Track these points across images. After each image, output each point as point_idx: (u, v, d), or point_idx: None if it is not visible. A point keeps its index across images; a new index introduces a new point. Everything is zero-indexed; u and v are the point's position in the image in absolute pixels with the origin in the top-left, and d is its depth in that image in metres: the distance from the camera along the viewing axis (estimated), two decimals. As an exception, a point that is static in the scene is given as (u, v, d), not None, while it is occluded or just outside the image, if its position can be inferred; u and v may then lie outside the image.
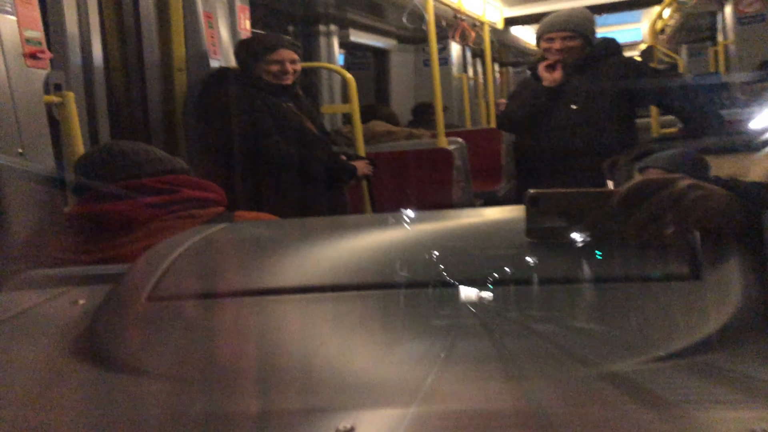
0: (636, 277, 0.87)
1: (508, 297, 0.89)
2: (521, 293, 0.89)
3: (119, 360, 0.82)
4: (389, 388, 0.69)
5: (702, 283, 0.84)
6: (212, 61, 3.05)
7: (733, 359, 0.71)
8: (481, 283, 0.89)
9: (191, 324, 0.90)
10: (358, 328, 0.86)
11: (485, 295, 0.88)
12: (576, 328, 0.81)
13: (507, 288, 0.89)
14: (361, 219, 1.70)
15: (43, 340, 0.96)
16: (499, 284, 0.89)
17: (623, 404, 0.63)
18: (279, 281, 0.98)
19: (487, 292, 0.88)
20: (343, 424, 0.60)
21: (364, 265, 1.00)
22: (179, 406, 0.71)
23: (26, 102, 1.97)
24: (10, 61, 1.92)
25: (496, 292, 0.89)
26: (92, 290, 1.14)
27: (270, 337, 0.85)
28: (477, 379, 0.69)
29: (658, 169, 2.40)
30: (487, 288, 0.89)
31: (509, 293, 0.89)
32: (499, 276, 0.90)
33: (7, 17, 1.93)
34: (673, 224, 0.87)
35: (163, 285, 0.97)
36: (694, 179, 0.90)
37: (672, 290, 0.84)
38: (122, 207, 1.78)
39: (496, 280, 0.90)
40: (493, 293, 0.89)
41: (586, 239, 0.93)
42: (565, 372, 0.70)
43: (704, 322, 0.76)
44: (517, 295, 0.89)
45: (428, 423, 0.61)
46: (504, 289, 0.89)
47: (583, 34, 3.20)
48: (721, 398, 0.64)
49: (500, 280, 0.90)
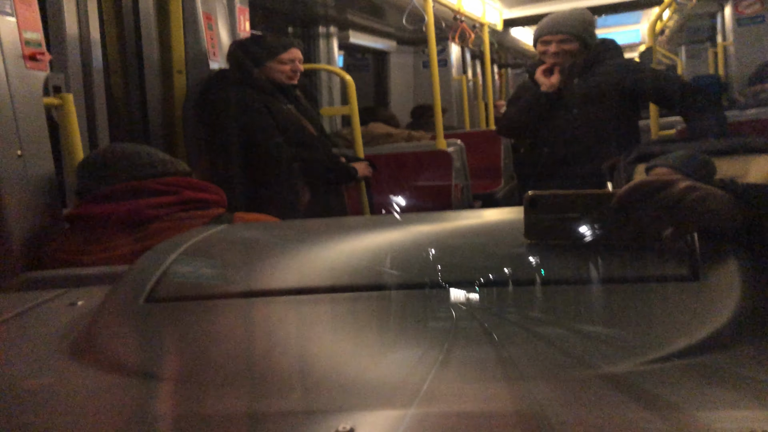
0: (635, 278, 0.87)
1: (507, 298, 0.89)
2: (520, 294, 0.89)
3: (117, 361, 0.82)
4: (389, 389, 0.69)
5: (700, 284, 0.84)
6: (212, 62, 3.05)
7: (732, 360, 0.71)
8: (480, 285, 0.89)
9: (189, 325, 0.90)
10: (357, 329, 0.86)
11: (484, 297, 0.88)
12: (574, 329, 0.81)
13: (506, 289, 0.89)
14: (360, 221, 1.70)
15: (41, 341, 0.96)
16: (498, 285, 0.89)
17: (622, 405, 0.63)
18: (278, 283, 0.98)
19: (486, 294, 0.88)
20: (343, 425, 0.60)
21: (363, 266, 1.00)
22: (177, 407, 0.71)
23: (25, 104, 1.97)
24: (10, 62, 1.92)
25: (495, 293, 0.89)
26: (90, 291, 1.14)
27: (269, 338, 0.85)
28: (475, 381, 0.69)
29: (669, 168, 2.40)
30: (486, 289, 0.89)
31: (508, 294, 0.89)
32: (498, 277, 0.90)
33: (7, 19, 1.93)
34: (671, 225, 0.87)
35: (161, 287, 0.97)
36: (692, 180, 0.90)
37: (670, 291, 0.84)
38: (124, 208, 1.78)
39: (495, 281, 0.90)
40: (492, 294, 0.89)
41: (585, 240, 0.93)
42: (564, 373, 0.70)
43: (703, 323, 0.76)
44: (515, 297, 0.89)
45: (427, 424, 0.61)
46: (503, 291, 0.89)
47: (580, 37, 3.12)
48: (720, 399, 0.64)
49: (499, 282, 0.90)
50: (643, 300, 0.85)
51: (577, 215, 0.93)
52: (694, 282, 0.85)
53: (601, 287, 0.87)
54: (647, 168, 2.51)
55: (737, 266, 0.84)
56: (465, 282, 0.90)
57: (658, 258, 0.89)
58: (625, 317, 0.82)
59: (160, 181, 1.87)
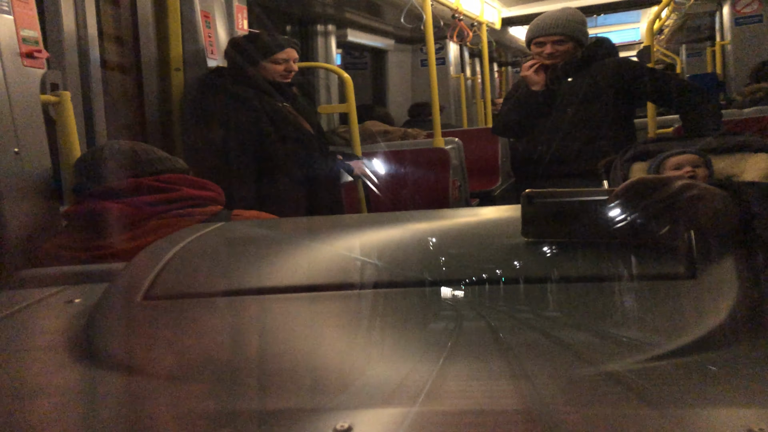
0: (631, 276, 0.87)
1: (504, 296, 0.89)
2: (517, 292, 0.89)
3: (115, 358, 0.82)
4: (386, 387, 0.69)
5: (697, 282, 0.84)
6: (209, 60, 3.05)
7: (728, 358, 0.71)
8: (478, 282, 0.89)
9: (187, 323, 0.90)
10: (354, 327, 0.86)
11: (481, 295, 0.88)
12: (570, 327, 0.81)
13: (503, 287, 0.89)
14: (357, 219, 1.70)
15: (39, 339, 0.96)
16: (495, 283, 0.89)
17: (619, 403, 0.63)
18: (275, 280, 0.98)
19: (484, 291, 0.89)
20: (341, 423, 0.60)
21: (360, 264, 1.00)
22: (175, 405, 0.71)
23: (22, 101, 1.97)
24: (7, 60, 1.92)
25: (492, 291, 0.89)
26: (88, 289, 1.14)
27: (267, 336, 0.85)
28: (474, 378, 0.69)
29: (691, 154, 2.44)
30: (483, 287, 0.89)
31: (505, 292, 0.89)
32: (495, 275, 0.90)
33: (4, 17, 1.93)
34: (668, 224, 0.87)
35: (159, 284, 0.97)
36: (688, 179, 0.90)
37: (667, 289, 0.84)
38: (121, 205, 1.78)
39: (492, 279, 0.90)
40: (489, 292, 0.89)
41: (582, 239, 0.93)
42: (560, 371, 0.70)
43: (699, 321, 0.76)
44: (512, 294, 0.89)
45: (425, 422, 0.61)
46: (500, 288, 0.89)
47: (574, 37, 3.13)
48: (716, 397, 0.64)
49: (496, 279, 0.90)
50: (640, 298, 0.85)
51: (574, 213, 0.93)
52: (690, 280, 0.85)
53: (598, 285, 0.88)
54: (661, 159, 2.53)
55: (734, 264, 0.84)
56: (462, 280, 0.90)
57: (655, 256, 0.89)
58: (621, 315, 0.82)
59: (157, 178, 1.87)
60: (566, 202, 0.94)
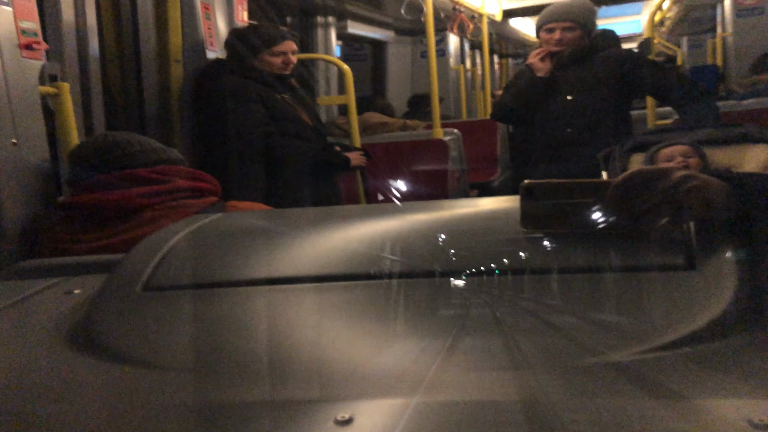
0: (631, 267, 0.87)
1: (504, 287, 0.89)
2: (516, 283, 0.89)
3: (115, 349, 0.82)
4: (387, 378, 0.69)
5: (697, 272, 0.84)
6: (209, 52, 3.04)
7: (728, 349, 0.71)
8: (477, 274, 0.89)
9: (187, 314, 0.90)
10: (355, 318, 0.86)
11: (481, 285, 0.88)
12: (570, 318, 0.81)
13: (502, 278, 0.89)
14: (355, 210, 1.70)
15: (37, 330, 0.96)
16: (493, 274, 0.89)
17: (618, 394, 0.63)
18: (273, 271, 0.98)
19: (482, 283, 0.89)
20: (342, 414, 0.60)
21: (359, 255, 1.00)
22: (175, 396, 0.71)
23: (21, 93, 1.96)
24: (6, 51, 1.92)
25: (491, 282, 0.89)
26: (87, 280, 1.14)
27: (267, 327, 0.85)
28: (474, 370, 0.69)
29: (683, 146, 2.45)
30: (482, 278, 0.89)
31: (504, 284, 0.89)
32: (494, 266, 0.90)
33: (4, 8, 1.93)
34: (667, 214, 0.87)
35: (158, 275, 0.97)
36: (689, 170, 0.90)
37: (666, 280, 0.84)
38: (115, 197, 1.78)
39: (491, 270, 0.90)
40: (489, 284, 0.89)
41: (581, 230, 0.93)
42: (560, 362, 0.70)
43: (699, 312, 0.76)
44: (512, 286, 0.89)
45: (426, 413, 0.61)
46: (499, 280, 0.89)
47: (582, 25, 3.20)
48: (716, 388, 0.64)
49: (495, 271, 0.90)
50: (639, 289, 0.85)
51: (574, 204, 0.93)
52: (690, 271, 0.85)
53: (597, 276, 0.87)
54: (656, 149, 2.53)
55: (733, 255, 0.84)
56: (460, 271, 0.90)
57: (655, 247, 0.89)
58: (620, 306, 0.82)
59: (152, 169, 1.86)
60: (565, 193, 0.94)
